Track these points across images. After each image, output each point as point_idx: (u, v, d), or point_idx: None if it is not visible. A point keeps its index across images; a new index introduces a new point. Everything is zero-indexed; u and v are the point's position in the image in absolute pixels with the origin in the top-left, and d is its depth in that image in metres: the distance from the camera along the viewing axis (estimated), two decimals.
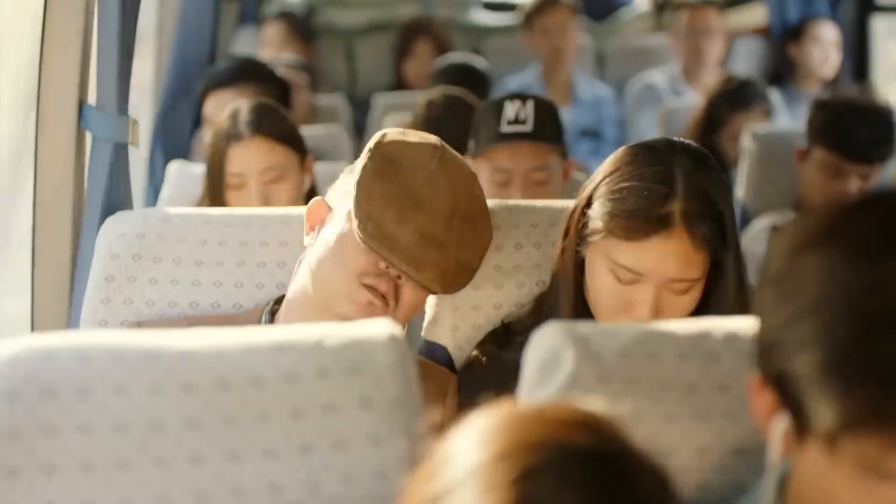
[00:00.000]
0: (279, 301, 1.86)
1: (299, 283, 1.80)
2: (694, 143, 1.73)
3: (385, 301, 1.71)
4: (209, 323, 1.80)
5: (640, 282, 1.64)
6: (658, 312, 1.64)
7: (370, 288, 1.70)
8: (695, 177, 1.63)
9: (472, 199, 1.76)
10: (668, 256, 1.61)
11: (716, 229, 1.62)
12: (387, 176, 1.71)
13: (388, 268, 1.70)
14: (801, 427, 0.99)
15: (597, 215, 1.68)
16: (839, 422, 0.94)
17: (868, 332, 0.93)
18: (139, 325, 1.83)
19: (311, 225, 1.82)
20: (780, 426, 1.02)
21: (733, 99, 3.69)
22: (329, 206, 1.81)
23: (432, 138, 1.79)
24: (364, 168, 1.72)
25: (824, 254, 0.98)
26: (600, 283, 1.68)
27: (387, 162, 1.72)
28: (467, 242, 1.74)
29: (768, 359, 1.01)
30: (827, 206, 1.02)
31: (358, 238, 1.68)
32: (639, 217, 1.62)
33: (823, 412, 0.95)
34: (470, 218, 1.75)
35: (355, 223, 1.67)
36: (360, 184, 1.70)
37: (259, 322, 1.83)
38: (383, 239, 1.67)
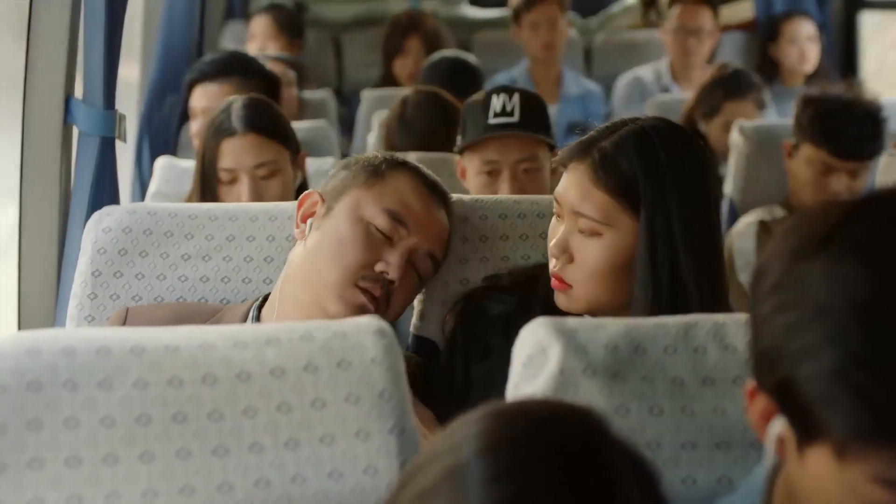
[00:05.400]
0: (267, 298, 1.84)
1: (288, 280, 1.79)
2: (680, 125, 1.79)
3: (377, 304, 1.71)
4: (196, 311, 1.80)
5: (561, 216, 1.73)
6: (567, 252, 1.70)
7: (364, 290, 1.71)
8: (634, 136, 1.68)
9: None
10: (573, 184, 1.71)
11: (617, 180, 1.66)
12: None
13: (383, 273, 1.71)
14: (804, 433, 0.98)
15: None
16: (849, 430, 0.93)
17: (878, 338, 0.91)
18: (127, 311, 1.81)
19: (303, 217, 1.81)
20: (775, 431, 1.02)
21: (728, 86, 3.68)
22: (323, 199, 1.80)
23: None
24: None
25: (827, 259, 0.96)
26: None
27: None
28: None
29: (767, 365, 1.00)
30: (823, 210, 1.01)
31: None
32: (574, 146, 1.74)
33: (833, 419, 0.93)
34: None
35: None
36: None
37: (245, 318, 1.81)
38: None
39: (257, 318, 1.80)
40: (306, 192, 1.83)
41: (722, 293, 1.68)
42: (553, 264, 1.72)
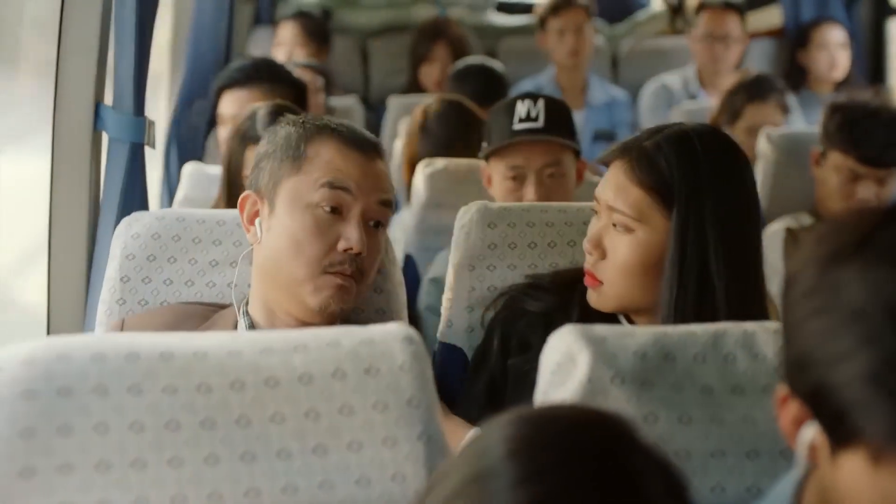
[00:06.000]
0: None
1: (260, 284, 1.77)
2: (724, 133, 1.80)
3: (353, 280, 1.70)
4: (189, 315, 1.80)
5: (599, 214, 1.75)
6: (601, 248, 1.72)
7: (336, 273, 1.70)
8: (676, 136, 1.70)
9: None
10: (611, 180, 1.73)
11: (654, 177, 1.68)
12: None
13: (348, 250, 1.69)
14: (838, 439, 0.98)
15: None
16: (885, 434, 0.92)
17: None
18: (122, 322, 1.82)
19: (249, 220, 1.78)
20: (806, 437, 1.01)
21: (750, 90, 3.67)
22: (261, 198, 1.77)
23: None
24: None
25: (861, 264, 0.96)
26: None
27: None
28: None
29: (800, 371, 1.00)
30: (856, 216, 1.01)
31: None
32: (618, 145, 1.76)
33: (868, 424, 0.93)
34: None
35: None
36: None
37: (235, 323, 1.79)
38: None
39: (249, 321, 1.78)
40: (243, 194, 1.80)
41: (754, 302, 1.67)
42: (587, 260, 1.73)
